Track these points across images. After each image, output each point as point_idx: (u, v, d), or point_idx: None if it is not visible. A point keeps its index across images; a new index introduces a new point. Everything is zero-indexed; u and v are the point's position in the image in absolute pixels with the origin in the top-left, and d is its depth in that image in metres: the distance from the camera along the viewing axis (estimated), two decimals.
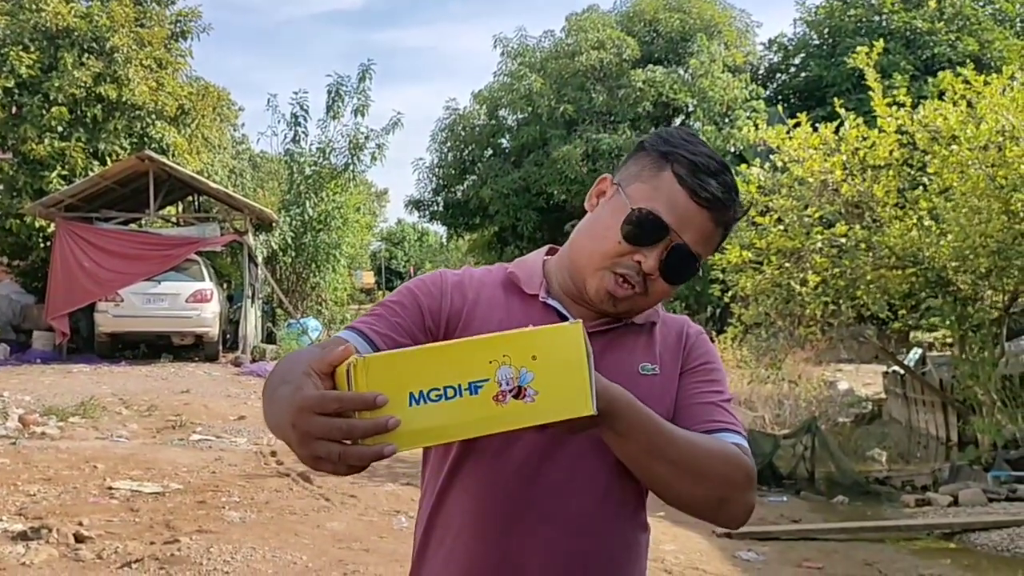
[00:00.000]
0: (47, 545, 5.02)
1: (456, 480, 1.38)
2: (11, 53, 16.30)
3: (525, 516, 1.34)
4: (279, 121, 19.85)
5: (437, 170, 26.76)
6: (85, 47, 17.00)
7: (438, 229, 40.92)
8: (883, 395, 14.16)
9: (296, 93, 20.76)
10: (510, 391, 1.04)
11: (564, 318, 1.39)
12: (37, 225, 16.53)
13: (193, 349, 15.69)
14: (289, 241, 18.57)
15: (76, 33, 16.90)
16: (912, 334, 14.66)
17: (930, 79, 18.31)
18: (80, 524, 5.43)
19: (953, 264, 8.79)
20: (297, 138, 19.55)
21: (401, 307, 1.40)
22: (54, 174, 16.26)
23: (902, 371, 11.95)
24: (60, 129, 16.46)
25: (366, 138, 19.35)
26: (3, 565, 4.72)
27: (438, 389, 1.03)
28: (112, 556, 4.90)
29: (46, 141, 16.29)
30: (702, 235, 1.36)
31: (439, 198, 27.07)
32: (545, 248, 1.53)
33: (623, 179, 1.40)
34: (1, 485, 6.59)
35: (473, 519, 1.35)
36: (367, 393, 1.00)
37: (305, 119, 19.56)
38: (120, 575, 4.59)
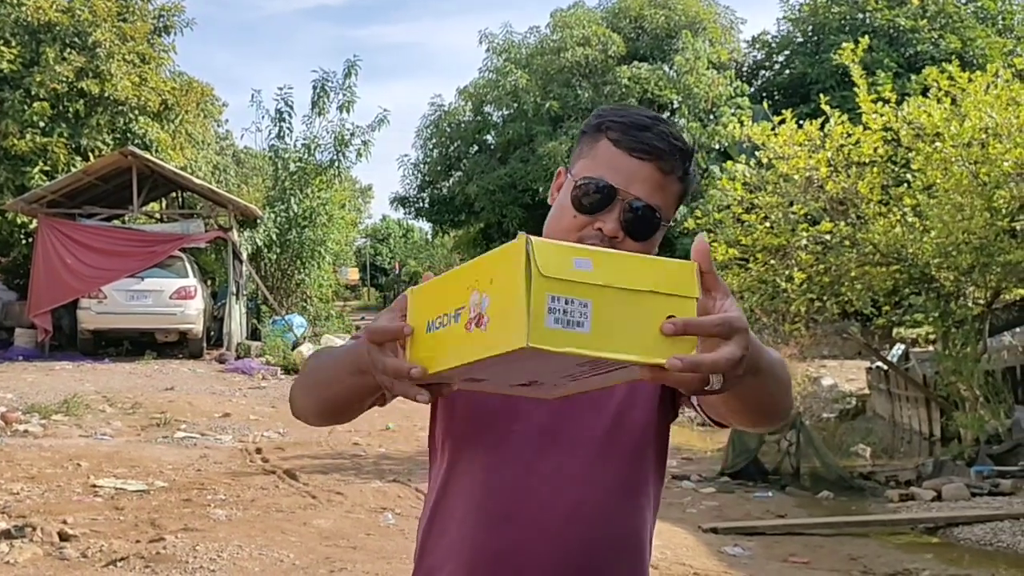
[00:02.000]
0: (31, 544, 4.99)
1: (457, 470, 1.39)
2: None
3: (526, 504, 1.34)
4: (263, 117, 19.76)
5: (422, 166, 26.72)
6: (67, 42, 16.86)
7: (423, 226, 40.87)
8: (867, 391, 14.24)
9: (281, 89, 20.67)
10: (474, 319, 0.98)
11: None
12: (19, 221, 16.40)
13: (177, 346, 15.60)
14: (274, 237, 18.49)
15: (58, 27, 16.77)
16: (896, 330, 14.76)
17: (913, 76, 18.43)
18: (64, 522, 5.39)
19: (936, 261, 8.85)
20: (282, 134, 19.46)
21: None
22: (36, 170, 16.12)
23: (886, 367, 12.03)
24: (42, 124, 16.32)
25: (351, 134, 19.29)
26: None
27: (440, 316, 1.02)
28: (97, 554, 4.87)
29: (28, 136, 16.15)
30: (652, 186, 1.36)
31: (424, 195, 27.03)
32: None
33: (571, 165, 1.44)
34: None
35: (475, 508, 1.36)
36: (395, 324, 1.06)
37: (290, 115, 19.48)
38: (105, 574, 4.56)
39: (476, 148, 26.00)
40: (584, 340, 0.95)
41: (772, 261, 9.29)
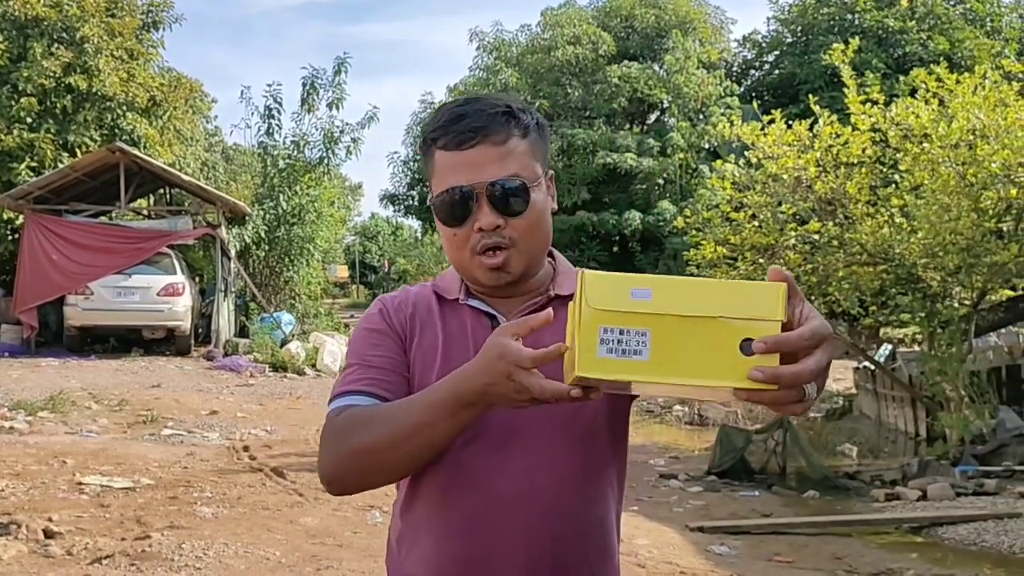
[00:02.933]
0: (16, 541, 4.96)
1: (423, 479, 1.39)
2: None
3: (492, 508, 1.35)
4: (253, 114, 19.69)
5: (412, 164, 26.70)
6: (55, 37, 16.76)
7: (413, 223, 40.84)
8: (854, 391, 14.30)
9: (270, 85, 20.58)
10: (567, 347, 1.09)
11: (490, 315, 1.42)
12: (5, 217, 16.29)
13: (164, 343, 15.54)
14: (262, 235, 18.43)
15: (45, 22, 16.67)
16: (883, 330, 14.81)
17: (902, 77, 18.51)
18: (49, 520, 5.37)
19: (923, 261, 8.89)
20: (271, 131, 19.40)
21: (380, 338, 1.43)
22: (23, 165, 16.03)
23: (872, 367, 12.08)
24: (29, 120, 16.23)
25: (341, 132, 19.24)
26: None
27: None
28: (82, 552, 4.85)
29: (15, 132, 16.05)
30: (498, 162, 1.35)
31: (414, 192, 27.00)
32: None
33: (429, 187, 1.45)
34: None
35: (441, 515, 1.37)
36: (551, 348, 1.11)
37: (279, 112, 19.41)
38: (90, 571, 4.54)
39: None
40: (643, 368, 1.01)
41: (760, 260, 9.32)
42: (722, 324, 1.01)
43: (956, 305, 9.46)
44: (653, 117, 25.56)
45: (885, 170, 9.44)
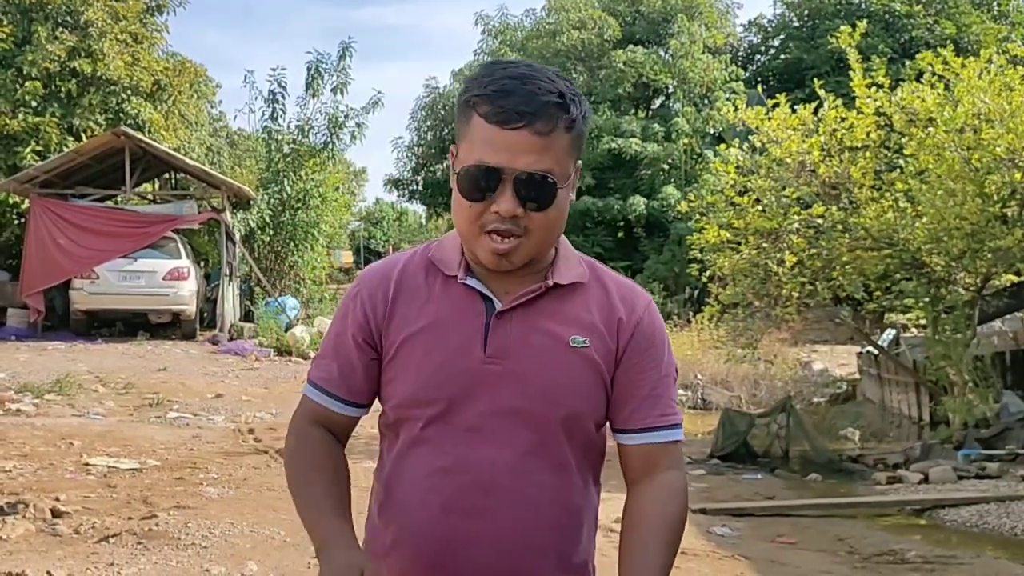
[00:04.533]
0: (24, 520, 5.01)
1: (404, 466, 1.42)
2: None
3: (468, 494, 1.37)
4: (257, 98, 19.66)
5: (416, 149, 26.66)
6: (59, 20, 16.75)
7: (417, 208, 40.84)
8: (857, 375, 14.31)
9: (274, 70, 20.52)
10: None
11: (485, 297, 1.40)
12: (11, 201, 16.33)
13: (170, 327, 15.60)
14: (267, 219, 18.44)
15: (50, 6, 16.66)
16: (887, 315, 14.81)
17: (908, 62, 18.40)
18: (57, 500, 5.42)
19: (928, 246, 8.88)
20: (275, 116, 19.37)
21: (351, 328, 1.47)
22: (28, 149, 16.05)
23: (876, 352, 12.09)
24: (34, 104, 16.24)
25: (345, 116, 19.20)
26: None
27: None
28: (89, 531, 4.90)
29: (20, 116, 16.07)
30: (535, 153, 1.31)
31: (418, 177, 26.98)
32: None
33: (457, 144, 1.41)
34: None
35: (420, 501, 1.40)
36: None
37: (283, 96, 19.38)
38: (98, 550, 4.59)
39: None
40: None
41: (764, 244, 9.32)
42: None
43: (961, 290, 9.45)
44: (658, 102, 25.48)
45: (890, 154, 9.41)
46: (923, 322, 11.95)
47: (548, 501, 1.40)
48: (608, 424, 1.47)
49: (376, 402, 1.51)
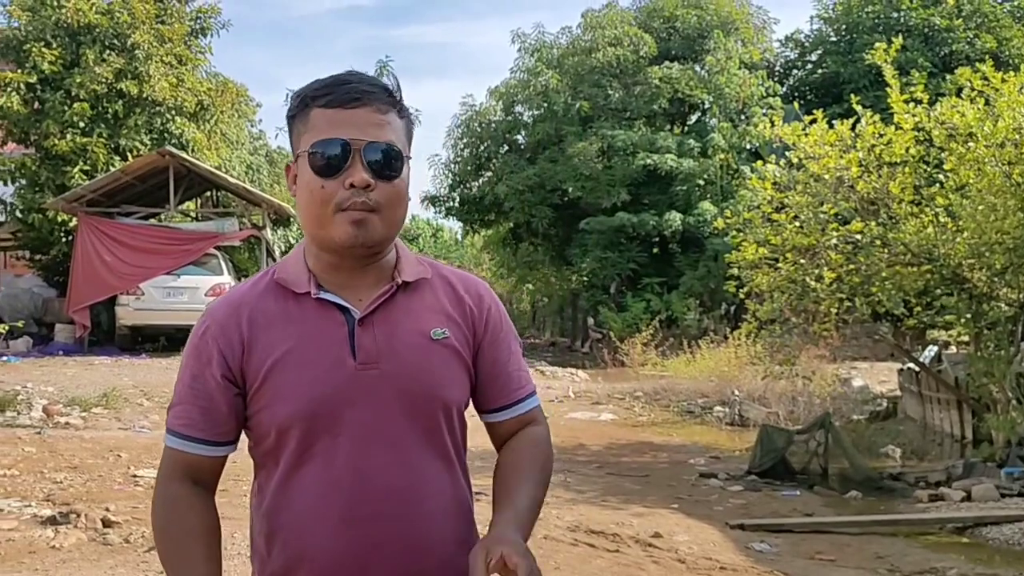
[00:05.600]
0: (75, 529, 5.16)
1: (291, 488, 1.44)
2: (33, 49, 16.51)
3: (366, 501, 1.41)
4: None
5: (453, 166, 26.86)
6: (106, 43, 17.19)
7: (453, 225, 41.04)
8: (898, 393, 14.14)
9: None
10: None
11: (341, 308, 1.45)
12: (59, 220, 16.73)
13: None
14: None
15: (98, 30, 17.10)
16: (928, 332, 14.63)
17: (948, 76, 18.25)
18: (107, 510, 5.56)
19: (969, 261, 8.80)
20: None
21: (201, 368, 1.46)
22: (76, 169, 16.46)
23: (917, 368, 11.95)
24: (82, 125, 16.66)
25: None
26: (34, 548, 4.86)
27: None
28: (139, 540, 5.03)
29: (68, 136, 16.50)
30: (377, 127, 1.41)
31: (455, 194, 27.17)
32: (303, 243, 1.55)
33: (294, 150, 1.48)
34: (29, 472, 6.75)
35: (316, 516, 1.42)
36: None
37: None
38: (147, 559, 4.70)
39: (506, 148, 26.09)
40: None
41: (802, 260, 9.29)
42: None
43: (1003, 306, 9.34)
44: (694, 118, 25.46)
45: (929, 169, 9.35)
46: (965, 339, 11.81)
47: (443, 492, 1.47)
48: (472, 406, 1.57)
49: (244, 437, 1.52)
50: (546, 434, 1.60)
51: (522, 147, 25.68)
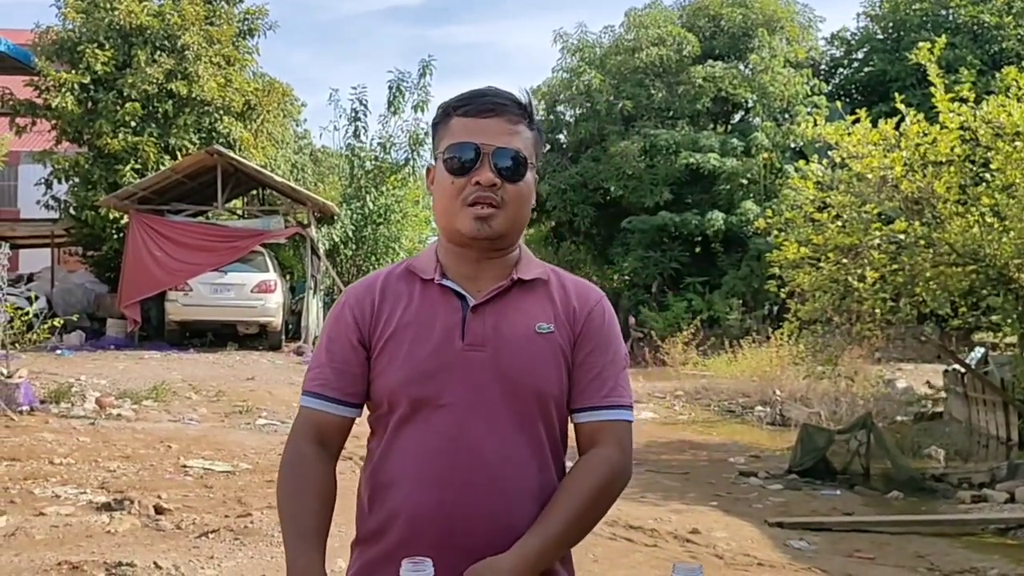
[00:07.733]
0: (129, 516, 5.35)
1: (394, 447, 1.59)
2: (87, 50, 16.93)
3: (459, 470, 1.53)
4: (340, 116, 20.26)
5: None
6: (157, 45, 17.57)
7: None
8: (943, 394, 13.96)
9: (355, 88, 21.12)
10: None
11: (459, 295, 1.60)
12: (111, 217, 17.14)
13: (257, 338, 16.14)
14: (350, 234, 18.97)
15: (149, 31, 17.48)
16: (975, 334, 14.42)
17: (997, 74, 17.96)
18: (159, 497, 5.76)
19: (1015, 261, 8.69)
20: (358, 133, 19.91)
21: (340, 334, 1.63)
22: (127, 167, 16.86)
23: (963, 370, 11.81)
24: (133, 124, 17.05)
25: (425, 134, 19.64)
26: (90, 532, 5.05)
27: None
28: (190, 526, 5.20)
29: (120, 136, 16.89)
30: (508, 135, 1.58)
31: None
32: (438, 239, 1.71)
33: (434, 153, 1.65)
34: (84, 461, 6.98)
35: (415, 476, 1.55)
36: None
37: (365, 114, 19.91)
38: (198, 544, 4.88)
39: (548, 147, 26.13)
40: None
41: (844, 260, 9.24)
42: None
43: None
44: (737, 117, 25.30)
45: (975, 169, 9.25)
46: (1011, 340, 11.64)
47: (529, 476, 1.56)
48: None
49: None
50: (611, 461, 1.56)
51: (564, 146, 25.72)
